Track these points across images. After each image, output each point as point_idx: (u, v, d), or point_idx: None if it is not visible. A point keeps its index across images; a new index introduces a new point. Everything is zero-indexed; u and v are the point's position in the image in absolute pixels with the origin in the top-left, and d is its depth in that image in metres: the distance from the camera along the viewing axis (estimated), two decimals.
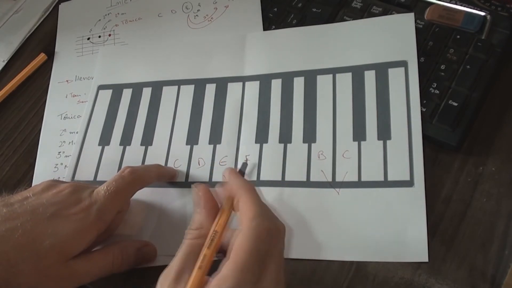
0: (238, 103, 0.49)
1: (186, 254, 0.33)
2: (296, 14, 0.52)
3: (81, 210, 0.38)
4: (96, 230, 0.38)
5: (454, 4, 0.48)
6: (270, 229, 0.33)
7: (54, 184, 0.40)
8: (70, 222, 0.37)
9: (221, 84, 0.50)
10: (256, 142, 0.46)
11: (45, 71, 0.59)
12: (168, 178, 0.46)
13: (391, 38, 0.47)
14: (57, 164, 0.51)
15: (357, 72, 0.47)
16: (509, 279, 0.35)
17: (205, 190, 0.37)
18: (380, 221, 0.40)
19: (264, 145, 0.46)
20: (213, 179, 0.45)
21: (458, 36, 0.46)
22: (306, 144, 0.45)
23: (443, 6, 0.48)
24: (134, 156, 0.49)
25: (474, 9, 0.47)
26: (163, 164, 0.47)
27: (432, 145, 0.42)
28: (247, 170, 0.44)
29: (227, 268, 0.31)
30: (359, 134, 0.44)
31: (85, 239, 0.38)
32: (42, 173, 0.51)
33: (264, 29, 0.53)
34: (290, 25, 0.52)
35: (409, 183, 0.40)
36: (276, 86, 0.49)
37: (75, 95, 0.56)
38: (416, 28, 0.47)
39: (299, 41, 0.50)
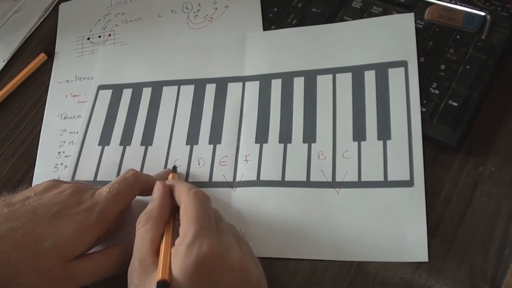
0: (238, 103, 0.49)
1: (140, 242, 0.35)
2: (296, 14, 0.52)
3: (82, 211, 0.38)
4: (97, 231, 0.38)
5: (454, 4, 0.48)
6: (206, 195, 0.37)
7: (55, 184, 0.40)
8: (72, 223, 0.37)
9: (221, 84, 0.50)
10: (256, 142, 0.46)
11: (45, 71, 0.59)
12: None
13: (391, 38, 0.47)
14: (57, 164, 0.51)
15: (357, 72, 0.47)
16: (509, 279, 0.36)
17: (165, 187, 0.39)
18: (380, 221, 0.40)
19: (264, 145, 0.46)
20: (213, 179, 0.45)
21: (458, 36, 0.46)
22: (306, 144, 0.45)
23: (443, 6, 0.48)
24: (134, 156, 0.49)
25: (474, 9, 0.47)
26: (163, 164, 0.47)
27: (432, 145, 0.42)
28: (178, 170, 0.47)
29: (183, 227, 0.34)
30: (359, 134, 0.44)
31: (86, 240, 0.38)
32: (42, 173, 0.51)
33: (264, 29, 0.53)
34: (290, 25, 0.52)
35: (409, 183, 0.40)
36: (276, 86, 0.49)
37: (75, 95, 0.56)
38: (416, 28, 0.47)
39: (299, 41, 0.50)
